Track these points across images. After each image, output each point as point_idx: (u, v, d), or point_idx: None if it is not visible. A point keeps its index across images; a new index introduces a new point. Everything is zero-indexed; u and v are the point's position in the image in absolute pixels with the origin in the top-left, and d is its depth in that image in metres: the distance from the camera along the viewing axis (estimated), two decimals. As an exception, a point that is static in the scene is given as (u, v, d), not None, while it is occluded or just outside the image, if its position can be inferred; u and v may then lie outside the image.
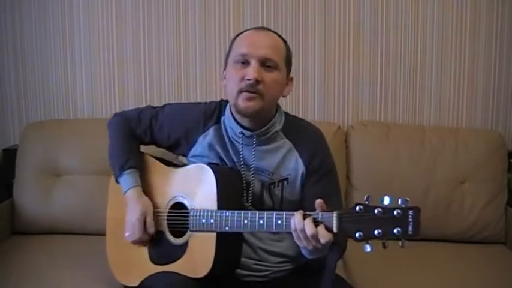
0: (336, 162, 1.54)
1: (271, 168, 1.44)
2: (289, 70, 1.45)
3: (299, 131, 1.49)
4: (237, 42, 1.42)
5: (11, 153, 2.23)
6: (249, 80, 1.33)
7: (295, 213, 1.21)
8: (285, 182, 1.45)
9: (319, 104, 2.35)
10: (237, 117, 1.44)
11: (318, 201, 1.20)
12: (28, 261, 1.83)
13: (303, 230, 1.18)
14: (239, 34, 1.45)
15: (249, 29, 1.45)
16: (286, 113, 1.52)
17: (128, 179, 1.48)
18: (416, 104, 2.32)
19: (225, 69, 1.45)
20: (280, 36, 1.44)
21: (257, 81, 1.33)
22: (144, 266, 1.46)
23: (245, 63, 1.36)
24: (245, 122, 1.42)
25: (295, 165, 1.45)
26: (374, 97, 2.33)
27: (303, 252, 1.32)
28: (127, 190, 1.48)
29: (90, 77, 2.38)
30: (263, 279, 1.46)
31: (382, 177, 2.07)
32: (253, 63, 1.34)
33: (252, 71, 1.33)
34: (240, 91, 1.36)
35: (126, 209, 1.47)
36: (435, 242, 2.04)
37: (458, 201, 2.06)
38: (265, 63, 1.35)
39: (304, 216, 1.19)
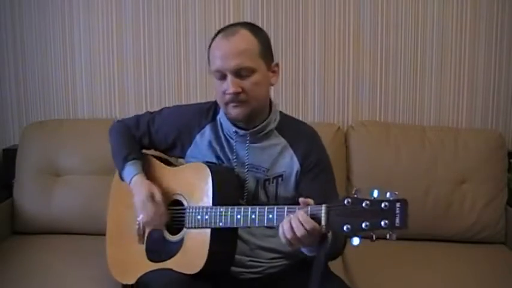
0: (336, 162, 1.55)
1: (267, 164, 1.46)
2: (270, 60, 1.44)
3: (294, 130, 1.51)
4: (211, 53, 1.42)
5: (11, 153, 2.23)
6: (229, 94, 1.37)
7: (297, 211, 1.20)
8: (280, 179, 1.46)
9: (319, 105, 2.34)
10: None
11: (301, 200, 1.22)
12: (28, 261, 1.83)
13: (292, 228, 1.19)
14: (215, 36, 1.43)
15: (220, 32, 1.42)
16: (281, 112, 1.54)
17: (131, 168, 1.50)
18: (416, 104, 2.32)
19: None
20: (252, 29, 1.41)
21: (237, 93, 1.37)
22: (140, 263, 1.48)
23: (222, 77, 1.38)
24: (239, 122, 1.45)
25: (290, 163, 1.46)
26: (374, 97, 2.33)
27: (303, 249, 1.32)
28: (131, 178, 1.49)
29: (90, 77, 2.38)
30: (257, 275, 1.47)
31: (382, 177, 2.06)
32: (229, 77, 1.37)
33: (229, 86, 1.36)
34: (226, 103, 1.40)
35: (133, 197, 1.47)
36: (435, 242, 2.04)
37: (458, 201, 2.06)
38: (240, 73, 1.36)
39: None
